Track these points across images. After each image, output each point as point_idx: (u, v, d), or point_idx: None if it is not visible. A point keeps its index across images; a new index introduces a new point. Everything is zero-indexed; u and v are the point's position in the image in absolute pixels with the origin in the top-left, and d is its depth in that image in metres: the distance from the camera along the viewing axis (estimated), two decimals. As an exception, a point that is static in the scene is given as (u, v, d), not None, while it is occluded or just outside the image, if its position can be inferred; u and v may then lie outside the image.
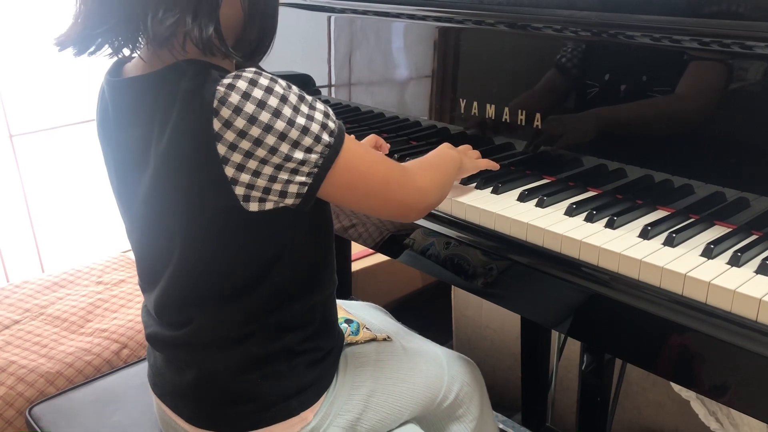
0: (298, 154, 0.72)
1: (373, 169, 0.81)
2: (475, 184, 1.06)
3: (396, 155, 1.18)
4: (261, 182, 0.73)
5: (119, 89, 0.80)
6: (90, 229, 2.32)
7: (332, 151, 0.75)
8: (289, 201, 0.75)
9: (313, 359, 0.87)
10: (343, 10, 1.34)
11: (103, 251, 1.92)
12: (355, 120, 1.38)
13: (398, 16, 1.23)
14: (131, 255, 1.85)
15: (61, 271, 1.71)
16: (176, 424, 0.90)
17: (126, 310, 1.54)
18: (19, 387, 1.28)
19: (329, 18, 1.37)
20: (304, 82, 1.47)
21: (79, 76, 2.13)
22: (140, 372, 1.22)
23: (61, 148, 2.21)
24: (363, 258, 2.07)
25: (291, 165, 0.73)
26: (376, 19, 1.28)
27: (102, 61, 0.82)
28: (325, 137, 0.74)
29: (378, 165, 0.82)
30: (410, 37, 1.24)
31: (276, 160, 0.72)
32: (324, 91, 1.45)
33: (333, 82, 1.44)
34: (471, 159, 1.05)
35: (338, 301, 0.99)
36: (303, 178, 0.74)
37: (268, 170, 0.72)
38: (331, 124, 0.75)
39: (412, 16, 1.21)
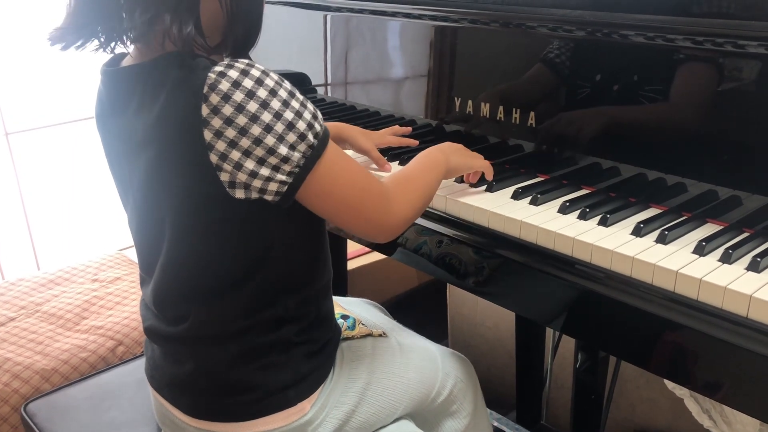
0: (282, 150, 0.72)
1: (353, 181, 0.80)
2: (469, 182, 1.06)
3: (390, 152, 1.19)
4: (242, 176, 0.73)
5: (113, 78, 0.81)
6: (86, 227, 2.32)
7: (315, 153, 0.75)
8: (268, 197, 0.75)
9: (310, 350, 0.87)
10: (339, 9, 1.34)
11: (99, 249, 1.92)
12: (351, 119, 1.38)
13: (394, 15, 1.23)
14: (127, 253, 1.85)
15: (56, 269, 1.71)
16: (174, 416, 0.90)
17: (122, 308, 1.54)
18: (15, 384, 1.28)
19: (325, 16, 1.38)
20: (299, 81, 1.48)
21: (76, 74, 2.13)
22: (136, 369, 1.22)
23: (57, 145, 2.21)
24: (359, 256, 2.08)
25: (273, 161, 0.72)
26: (372, 18, 1.28)
27: (99, 59, 0.83)
28: (310, 137, 0.74)
29: (359, 180, 0.81)
30: (406, 36, 1.24)
31: (259, 152, 0.71)
32: (320, 90, 1.46)
33: (329, 81, 1.44)
34: (465, 157, 1.02)
35: (334, 298, 0.99)
36: (284, 177, 0.74)
37: (249, 164, 0.72)
38: (318, 126, 0.76)
39: (407, 15, 1.21)
